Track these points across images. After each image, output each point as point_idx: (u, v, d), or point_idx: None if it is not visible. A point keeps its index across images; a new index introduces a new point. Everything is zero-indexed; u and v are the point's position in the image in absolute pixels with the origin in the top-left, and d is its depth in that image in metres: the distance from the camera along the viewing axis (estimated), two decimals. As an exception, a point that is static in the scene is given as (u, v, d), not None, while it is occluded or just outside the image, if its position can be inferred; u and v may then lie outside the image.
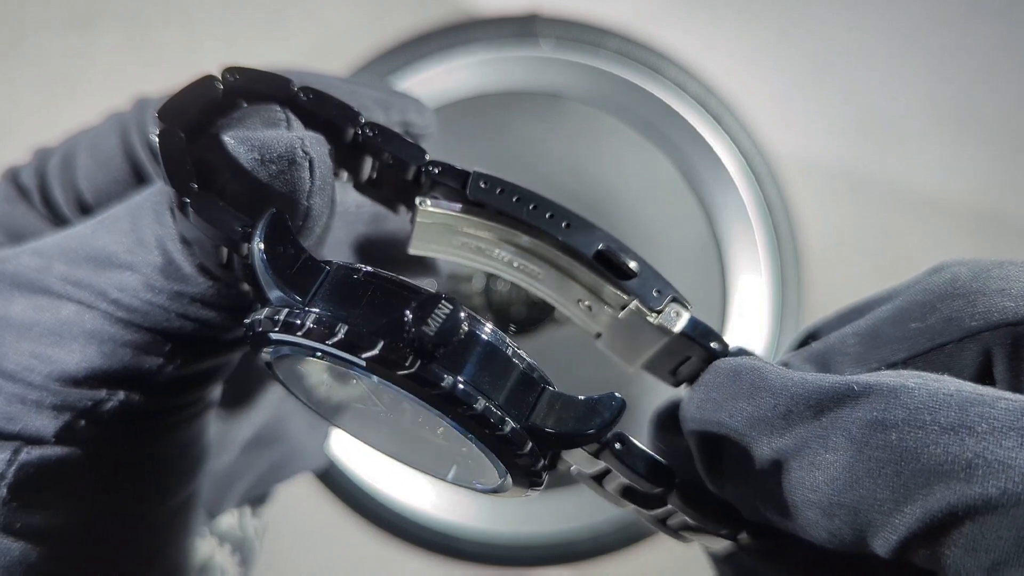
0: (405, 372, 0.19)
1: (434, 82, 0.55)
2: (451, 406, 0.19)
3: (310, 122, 0.23)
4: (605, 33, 0.56)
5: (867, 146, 0.61)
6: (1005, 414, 0.16)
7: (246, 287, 0.23)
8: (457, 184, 0.24)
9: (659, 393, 0.35)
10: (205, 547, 0.32)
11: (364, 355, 0.19)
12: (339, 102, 0.24)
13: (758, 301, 0.54)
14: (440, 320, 0.19)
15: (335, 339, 0.19)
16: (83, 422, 0.23)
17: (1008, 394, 0.17)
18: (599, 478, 0.22)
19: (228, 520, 0.34)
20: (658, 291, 0.24)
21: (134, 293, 0.23)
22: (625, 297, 0.24)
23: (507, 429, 0.19)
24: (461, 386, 0.19)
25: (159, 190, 0.23)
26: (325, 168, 0.23)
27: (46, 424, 0.22)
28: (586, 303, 0.25)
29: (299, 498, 0.53)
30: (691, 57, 0.56)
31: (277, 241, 0.20)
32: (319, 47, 0.62)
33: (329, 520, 0.54)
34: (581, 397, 0.20)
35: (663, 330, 0.24)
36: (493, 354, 0.20)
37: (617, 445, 0.21)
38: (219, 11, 0.62)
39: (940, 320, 0.20)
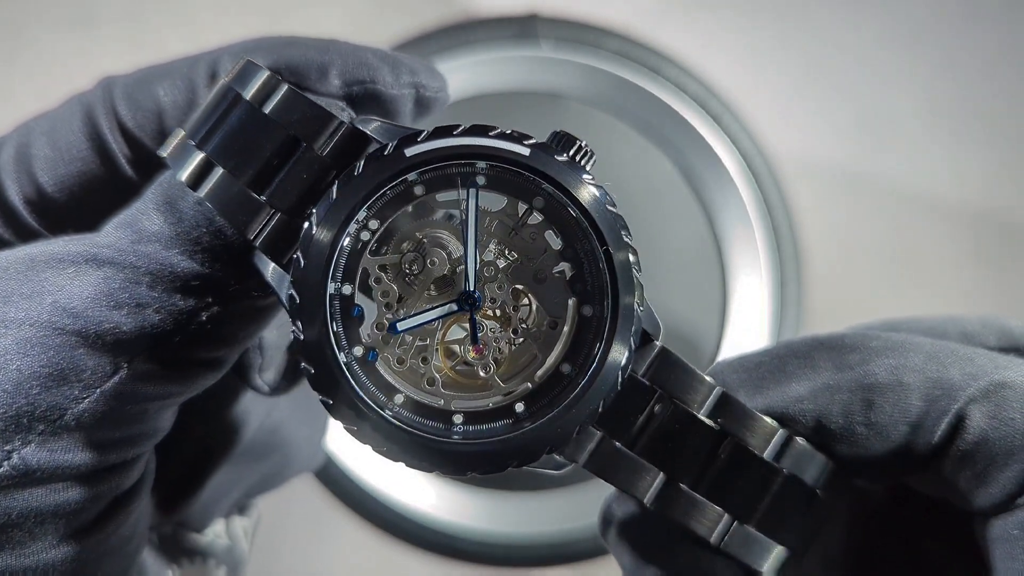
0: (562, 159, 0.23)
1: (434, 82, 0.55)
2: (593, 199, 0.23)
3: None
4: (605, 33, 0.56)
5: (867, 146, 0.61)
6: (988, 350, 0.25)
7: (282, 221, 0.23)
8: None
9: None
10: None
11: (528, 142, 0.23)
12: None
13: (758, 301, 0.54)
14: (586, 148, 0.23)
15: (498, 131, 0.23)
16: None
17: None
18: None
19: (214, 528, 0.33)
20: None
21: (91, 294, 0.20)
22: None
23: (631, 240, 0.24)
24: (602, 185, 0.23)
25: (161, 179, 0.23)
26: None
27: None
28: None
29: (299, 499, 0.53)
30: (691, 57, 0.56)
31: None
32: (319, 47, 0.62)
33: (330, 521, 0.54)
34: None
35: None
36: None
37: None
38: (219, 12, 0.62)
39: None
